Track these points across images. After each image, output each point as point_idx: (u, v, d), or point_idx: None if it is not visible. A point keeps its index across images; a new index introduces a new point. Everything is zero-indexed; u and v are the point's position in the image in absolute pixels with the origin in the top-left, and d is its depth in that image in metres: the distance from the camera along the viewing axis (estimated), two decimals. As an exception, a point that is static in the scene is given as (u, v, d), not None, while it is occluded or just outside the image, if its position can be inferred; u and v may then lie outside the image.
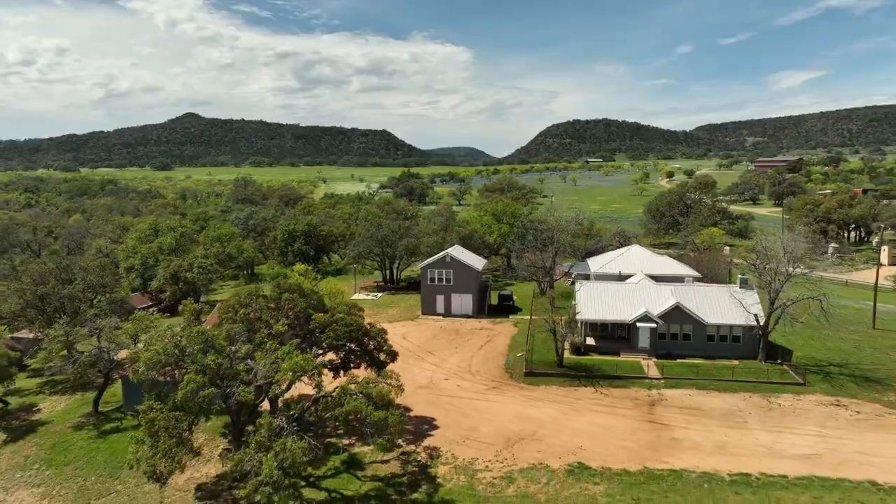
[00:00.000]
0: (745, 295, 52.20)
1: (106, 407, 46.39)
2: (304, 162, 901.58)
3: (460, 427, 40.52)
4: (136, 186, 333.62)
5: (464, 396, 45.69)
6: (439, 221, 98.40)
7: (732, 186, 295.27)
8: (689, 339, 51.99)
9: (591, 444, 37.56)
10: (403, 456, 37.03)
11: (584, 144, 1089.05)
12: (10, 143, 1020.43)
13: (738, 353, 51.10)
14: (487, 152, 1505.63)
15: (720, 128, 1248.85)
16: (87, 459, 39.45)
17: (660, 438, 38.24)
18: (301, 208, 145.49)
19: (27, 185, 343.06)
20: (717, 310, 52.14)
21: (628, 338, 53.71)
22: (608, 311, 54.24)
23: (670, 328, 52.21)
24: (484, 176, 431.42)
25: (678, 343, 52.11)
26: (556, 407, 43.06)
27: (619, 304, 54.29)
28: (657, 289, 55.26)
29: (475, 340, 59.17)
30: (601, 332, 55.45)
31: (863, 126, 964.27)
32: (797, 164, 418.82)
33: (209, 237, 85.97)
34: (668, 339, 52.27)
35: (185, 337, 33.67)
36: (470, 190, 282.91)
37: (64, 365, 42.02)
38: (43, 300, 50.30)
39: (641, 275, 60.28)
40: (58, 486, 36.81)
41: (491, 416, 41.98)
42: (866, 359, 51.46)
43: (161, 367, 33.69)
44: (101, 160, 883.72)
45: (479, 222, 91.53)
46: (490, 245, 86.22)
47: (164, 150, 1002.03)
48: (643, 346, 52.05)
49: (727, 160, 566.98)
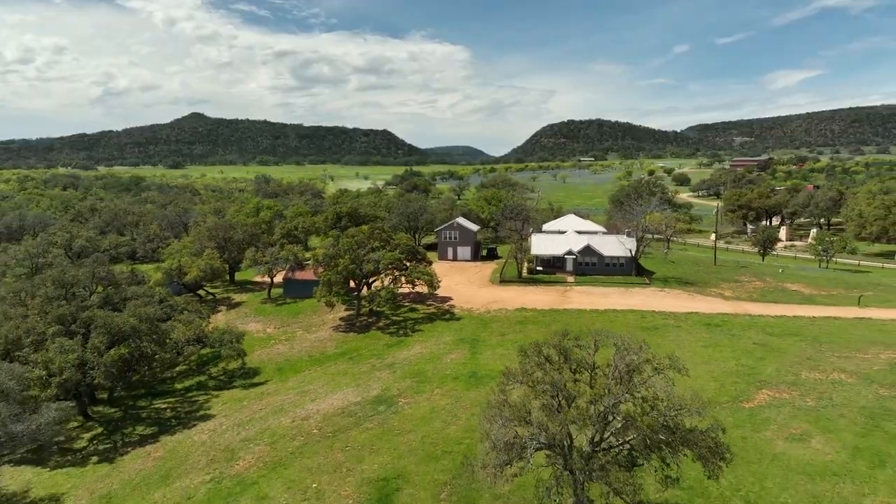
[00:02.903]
0: (627, 240, 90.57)
1: (275, 296, 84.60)
2: (308, 161, 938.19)
3: (464, 299, 78.82)
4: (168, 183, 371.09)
5: (465, 290, 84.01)
6: (447, 204, 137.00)
7: (700, 183, 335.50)
8: (595, 265, 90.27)
9: (530, 303, 75.77)
10: (437, 305, 75.45)
11: (577, 144, 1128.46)
12: (23, 143, 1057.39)
13: (621, 272, 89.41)
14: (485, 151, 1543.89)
15: (710, 128, 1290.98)
16: (274, 314, 77.64)
17: (563, 299, 76.69)
18: (332, 198, 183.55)
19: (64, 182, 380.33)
20: (611, 248, 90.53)
21: (561, 265, 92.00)
22: (549, 249, 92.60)
23: (584, 259, 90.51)
24: (481, 174, 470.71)
25: (588, 267, 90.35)
26: (514, 292, 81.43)
27: (556, 246, 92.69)
28: (578, 237, 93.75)
29: (472, 271, 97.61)
30: (546, 262, 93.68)
31: (845, 127, 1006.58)
32: (767, 163, 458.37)
33: (294, 213, 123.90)
34: (582, 265, 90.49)
35: (340, 244, 71.69)
36: (468, 186, 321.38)
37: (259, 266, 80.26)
38: (227, 241, 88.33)
39: (571, 230, 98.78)
40: (266, 322, 74.95)
41: (479, 295, 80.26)
42: (692, 276, 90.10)
43: (326, 260, 71.64)
44: (113, 158, 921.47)
45: (475, 204, 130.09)
46: (483, 219, 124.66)
47: (175, 149, 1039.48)
48: (569, 269, 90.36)
49: (707, 159, 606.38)
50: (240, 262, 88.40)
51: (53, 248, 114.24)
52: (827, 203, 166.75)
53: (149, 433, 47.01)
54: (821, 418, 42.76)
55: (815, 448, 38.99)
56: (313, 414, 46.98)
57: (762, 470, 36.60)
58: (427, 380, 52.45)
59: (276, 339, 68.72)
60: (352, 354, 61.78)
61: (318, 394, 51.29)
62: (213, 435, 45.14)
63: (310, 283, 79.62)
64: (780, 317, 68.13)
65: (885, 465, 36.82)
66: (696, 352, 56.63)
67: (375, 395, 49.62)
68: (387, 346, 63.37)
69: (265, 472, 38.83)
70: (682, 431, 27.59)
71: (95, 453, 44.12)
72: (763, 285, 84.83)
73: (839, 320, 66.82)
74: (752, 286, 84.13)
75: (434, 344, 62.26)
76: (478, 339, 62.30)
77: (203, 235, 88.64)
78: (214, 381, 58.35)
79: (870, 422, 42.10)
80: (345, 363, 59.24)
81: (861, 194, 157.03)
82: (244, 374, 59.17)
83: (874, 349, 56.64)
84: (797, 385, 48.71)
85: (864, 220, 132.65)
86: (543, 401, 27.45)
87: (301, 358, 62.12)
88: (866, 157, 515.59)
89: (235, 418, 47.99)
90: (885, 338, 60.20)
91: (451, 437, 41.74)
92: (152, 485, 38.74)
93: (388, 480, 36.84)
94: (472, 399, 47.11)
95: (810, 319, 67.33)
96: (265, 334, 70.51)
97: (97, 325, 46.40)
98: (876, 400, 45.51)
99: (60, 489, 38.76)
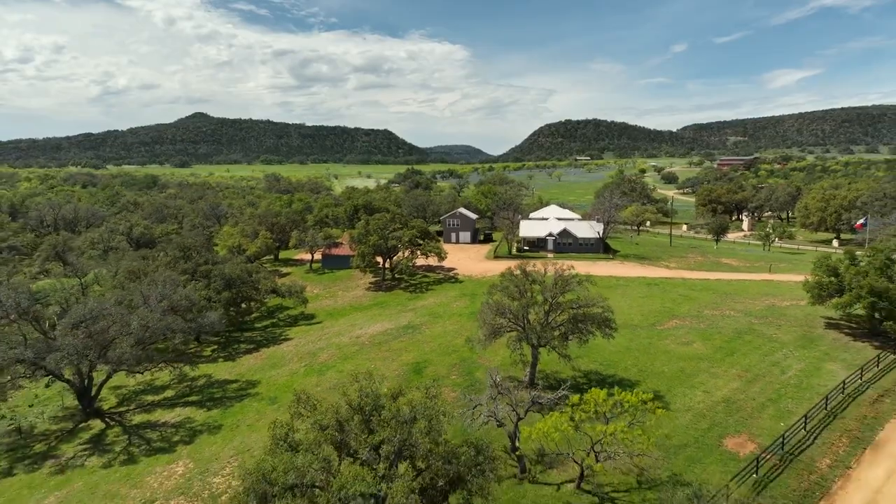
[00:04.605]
0: (596, 225, 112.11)
1: (315, 268, 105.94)
2: (311, 160, 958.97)
3: (465, 269, 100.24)
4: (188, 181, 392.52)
5: (466, 263, 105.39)
6: (450, 197, 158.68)
7: (685, 181, 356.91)
8: (571, 244, 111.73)
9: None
10: (444, 273, 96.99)
11: (575, 143, 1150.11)
12: (30, 142, 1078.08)
13: (591, 250, 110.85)
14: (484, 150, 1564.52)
15: (706, 127, 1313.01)
16: (317, 281, 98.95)
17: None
18: (345, 194, 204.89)
19: (83, 180, 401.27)
20: (583, 231, 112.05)
21: (543, 245, 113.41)
22: (534, 232, 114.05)
23: (562, 240, 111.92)
24: (480, 173, 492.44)
25: (565, 246, 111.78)
26: (504, 264, 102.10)
27: (539, 230, 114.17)
28: (558, 223, 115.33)
29: (472, 250, 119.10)
30: (531, 243, 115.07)
31: (835, 127, 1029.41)
32: (752, 162, 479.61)
33: (321, 205, 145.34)
34: (561, 245, 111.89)
35: (371, 226, 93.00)
36: (468, 185, 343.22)
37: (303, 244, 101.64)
38: (273, 226, 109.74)
39: (553, 217, 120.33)
40: (312, 286, 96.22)
41: (477, 267, 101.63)
42: (649, 253, 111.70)
43: (360, 238, 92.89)
44: (121, 158, 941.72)
45: (474, 198, 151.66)
46: (480, 210, 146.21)
47: (180, 148, 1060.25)
48: (549, 248, 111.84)
49: (699, 159, 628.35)
50: (285, 242, 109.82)
51: (117, 235, 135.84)
52: (786, 198, 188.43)
53: (250, 348, 68.52)
54: (704, 333, 64.31)
55: (694, 348, 60.50)
56: (363, 335, 68.50)
57: (656, 357, 58.11)
58: (440, 316, 73.99)
59: (323, 296, 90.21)
60: (382, 304, 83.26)
61: (363, 325, 72.79)
62: (296, 346, 66.71)
63: (344, 258, 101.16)
64: (704, 280, 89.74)
65: (734, 354, 58.34)
66: (635, 300, 78.19)
67: (404, 324, 71.13)
68: (408, 299, 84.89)
69: (338, 361, 60.36)
70: (590, 315, 49.04)
71: (220, 358, 65.62)
72: (703, 260, 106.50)
73: (748, 282, 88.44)
74: (693, 260, 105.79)
75: (443, 297, 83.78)
76: (475, 294, 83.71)
77: (255, 220, 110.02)
78: (283, 322, 79.81)
79: (736, 335, 63.64)
80: (378, 309, 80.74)
81: (815, 191, 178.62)
82: (304, 317, 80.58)
83: (763, 298, 78.19)
84: (698, 317, 70.23)
85: (808, 212, 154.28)
86: (512, 295, 48.96)
87: (345, 307, 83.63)
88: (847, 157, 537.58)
89: (308, 339, 69.51)
90: (774, 291, 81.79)
91: (457, 344, 63.15)
92: (266, 369, 60.27)
93: (419, 363, 58.35)
94: (471, 327, 68.48)
95: (727, 282, 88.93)
96: (313, 294, 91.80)
97: (214, 274, 67.77)
98: (747, 324, 67.06)
99: (213, 374, 60.24)
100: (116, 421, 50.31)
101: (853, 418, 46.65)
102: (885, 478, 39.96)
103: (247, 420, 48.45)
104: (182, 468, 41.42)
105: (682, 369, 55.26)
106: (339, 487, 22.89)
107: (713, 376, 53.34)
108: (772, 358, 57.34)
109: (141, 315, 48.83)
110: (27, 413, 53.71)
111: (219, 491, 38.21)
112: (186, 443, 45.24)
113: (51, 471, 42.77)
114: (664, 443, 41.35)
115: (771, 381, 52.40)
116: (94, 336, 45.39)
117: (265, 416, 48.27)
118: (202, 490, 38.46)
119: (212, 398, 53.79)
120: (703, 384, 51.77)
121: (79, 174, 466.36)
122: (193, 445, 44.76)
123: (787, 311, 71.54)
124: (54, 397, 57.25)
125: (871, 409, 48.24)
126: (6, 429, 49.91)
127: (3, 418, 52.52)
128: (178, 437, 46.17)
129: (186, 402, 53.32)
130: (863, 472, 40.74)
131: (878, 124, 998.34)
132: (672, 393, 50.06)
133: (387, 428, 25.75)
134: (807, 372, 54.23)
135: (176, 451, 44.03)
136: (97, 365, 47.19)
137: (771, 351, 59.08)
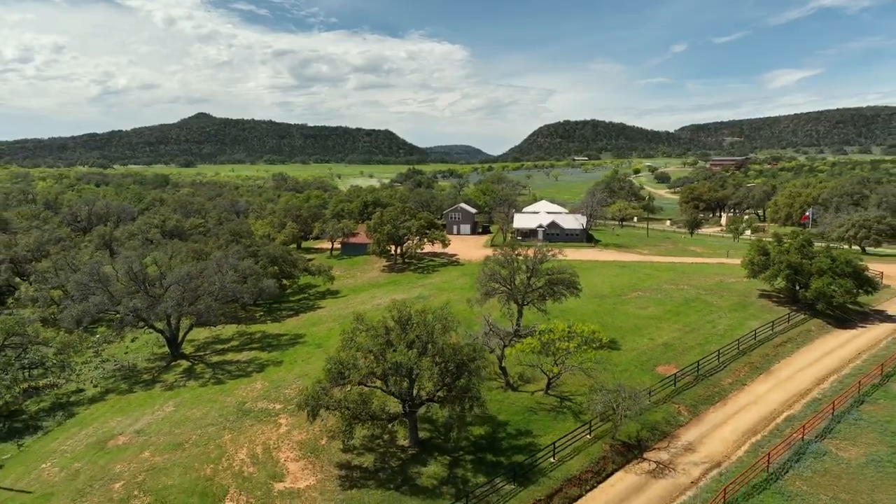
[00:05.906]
0: (581, 217, 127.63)
1: (335, 254, 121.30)
2: (313, 160, 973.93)
3: (465, 255, 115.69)
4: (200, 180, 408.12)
5: (466, 250, 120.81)
6: (451, 194, 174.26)
7: (677, 181, 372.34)
8: (558, 235, 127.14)
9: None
10: (448, 258, 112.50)
11: (573, 144, 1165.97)
12: (36, 142, 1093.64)
13: (576, 240, 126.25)
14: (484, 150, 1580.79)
15: (703, 128, 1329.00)
16: (338, 265, 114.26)
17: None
18: (352, 192, 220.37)
19: (96, 179, 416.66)
20: (570, 223, 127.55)
21: (534, 235, 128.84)
22: (526, 224, 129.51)
23: (551, 230, 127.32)
24: (479, 172, 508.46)
25: (553, 236, 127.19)
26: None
27: (531, 222, 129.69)
28: (547, 216, 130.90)
29: (471, 240, 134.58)
30: (523, 234, 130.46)
31: (829, 127, 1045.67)
32: (743, 162, 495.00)
33: (336, 200, 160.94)
34: (549, 235, 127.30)
35: (385, 217, 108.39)
36: (468, 184, 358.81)
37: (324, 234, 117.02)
38: (297, 218, 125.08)
39: (543, 211, 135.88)
40: (342, 269, 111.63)
41: (476, 254, 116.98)
42: (627, 243, 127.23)
43: (375, 227, 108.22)
44: (126, 158, 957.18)
45: (473, 195, 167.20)
46: (479, 205, 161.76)
47: (184, 148, 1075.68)
48: (539, 238, 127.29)
49: (694, 159, 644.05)
50: (307, 232, 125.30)
51: (152, 227, 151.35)
52: (761, 196, 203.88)
53: (291, 313, 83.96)
54: (659, 301, 79.69)
55: (649, 311, 75.84)
56: (381, 303, 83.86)
57: (616, 317, 73.37)
58: (444, 290, 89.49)
59: (344, 277, 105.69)
60: (396, 283, 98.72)
61: (382, 297, 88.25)
62: (329, 311, 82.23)
63: (360, 245, 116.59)
64: (670, 262, 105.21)
65: (679, 315, 73.68)
66: (607, 277, 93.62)
67: (416, 295, 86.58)
68: (417, 278, 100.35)
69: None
70: (562, 280, 64.41)
71: (267, 320, 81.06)
72: (673, 248, 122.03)
73: (706, 264, 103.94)
74: (664, 248, 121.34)
75: (447, 276, 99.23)
76: (474, 274, 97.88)
77: (281, 213, 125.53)
78: (313, 296, 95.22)
79: (684, 302, 78.99)
80: (392, 286, 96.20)
81: (786, 189, 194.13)
82: (331, 293, 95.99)
83: (715, 276, 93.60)
84: (657, 290, 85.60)
85: (777, 208, 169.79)
86: (502, 264, 64.41)
87: (364, 284, 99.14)
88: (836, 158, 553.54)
89: (337, 307, 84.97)
90: (726, 271, 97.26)
91: (460, 308, 78.47)
92: (308, 326, 75.75)
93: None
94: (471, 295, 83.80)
95: (689, 264, 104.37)
96: (336, 275, 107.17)
97: (261, 253, 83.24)
98: (695, 294, 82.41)
99: (266, 330, 75.72)
100: (200, 360, 65.78)
101: (758, 355, 62.24)
102: (768, 390, 55.51)
103: (301, 357, 63.95)
104: (260, 385, 56.85)
105: (636, 325, 70.63)
106: (389, 358, 38.38)
107: (658, 329, 68.77)
108: (708, 317, 72.77)
109: (218, 279, 64.21)
110: (125, 359, 69.15)
111: (290, 397, 53.56)
112: (258, 371, 60.69)
113: (161, 389, 58.23)
114: (612, 368, 56.87)
115: (703, 332, 67.88)
116: (186, 293, 60.75)
117: (315, 355, 63.74)
118: (278, 396, 53.88)
119: (269, 345, 69.30)
120: (650, 334, 67.21)
121: (90, 174, 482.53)
122: (264, 373, 60.21)
123: (731, 286, 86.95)
124: (141, 348, 72.73)
125: (774, 350, 63.88)
126: (115, 367, 65.38)
127: (108, 361, 67.97)
128: (252, 368, 61.64)
129: (251, 348, 68.81)
130: (754, 388, 56.32)
131: (871, 125, 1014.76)
132: (624, 340, 65.49)
133: (416, 328, 41.18)
134: (733, 326, 69.69)
135: (252, 377, 59.45)
136: (186, 315, 62.56)
137: (709, 312, 74.51)
